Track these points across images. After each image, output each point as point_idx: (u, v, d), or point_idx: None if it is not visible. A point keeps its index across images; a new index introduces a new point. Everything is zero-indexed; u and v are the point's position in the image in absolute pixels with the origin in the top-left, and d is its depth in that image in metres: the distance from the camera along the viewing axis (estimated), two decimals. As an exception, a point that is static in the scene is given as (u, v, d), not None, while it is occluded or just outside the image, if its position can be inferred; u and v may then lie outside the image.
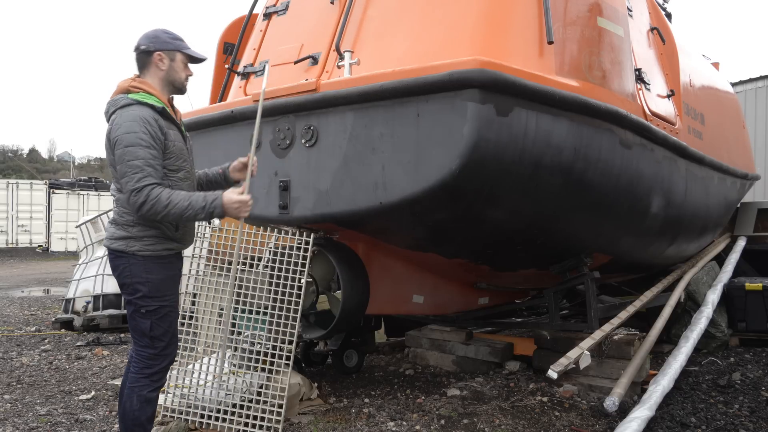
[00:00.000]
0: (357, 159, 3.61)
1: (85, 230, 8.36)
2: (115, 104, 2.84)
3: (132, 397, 2.90)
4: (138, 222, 2.84)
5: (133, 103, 2.81)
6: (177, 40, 2.97)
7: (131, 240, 2.85)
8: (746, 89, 11.39)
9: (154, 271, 2.88)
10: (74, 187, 27.62)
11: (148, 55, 2.91)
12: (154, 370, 2.93)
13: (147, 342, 2.91)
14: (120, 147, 2.74)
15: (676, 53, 5.47)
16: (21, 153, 67.50)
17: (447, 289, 4.84)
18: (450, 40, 3.56)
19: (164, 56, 2.92)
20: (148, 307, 2.87)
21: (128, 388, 2.93)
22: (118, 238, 2.87)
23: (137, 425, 2.91)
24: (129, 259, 2.85)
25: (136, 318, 2.89)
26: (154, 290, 2.87)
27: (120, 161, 2.75)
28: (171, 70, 2.94)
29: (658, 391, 3.84)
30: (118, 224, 2.88)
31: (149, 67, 2.93)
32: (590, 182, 3.98)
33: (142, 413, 2.91)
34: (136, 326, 2.91)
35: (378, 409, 4.13)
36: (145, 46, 2.91)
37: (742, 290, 5.97)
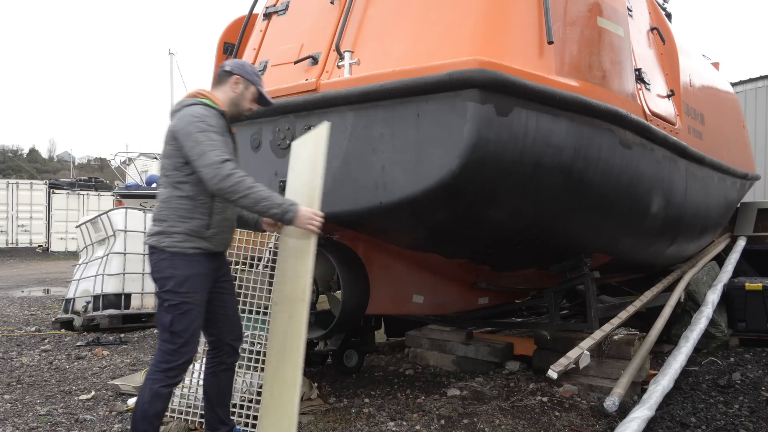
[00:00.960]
0: (357, 159, 3.61)
1: (85, 230, 8.36)
2: (182, 104, 3.06)
3: (145, 389, 2.97)
4: (170, 216, 2.98)
5: (199, 103, 3.03)
6: (257, 77, 3.24)
7: (162, 236, 2.98)
8: (746, 89, 11.39)
9: (180, 266, 2.97)
10: (74, 187, 27.63)
11: (228, 75, 3.17)
12: (171, 366, 2.98)
13: (167, 337, 2.98)
14: (191, 133, 2.90)
15: (676, 53, 5.47)
16: (21, 153, 67.56)
17: (447, 289, 4.84)
18: (450, 40, 3.56)
19: (241, 82, 3.16)
20: (171, 301, 2.96)
21: (144, 380, 3.02)
22: (153, 234, 3.02)
23: (144, 418, 2.95)
24: (159, 254, 2.98)
25: (161, 312, 3.00)
26: (178, 285, 2.96)
27: (195, 144, 2.89)
28: (241, 96, 3.18)
29: (658, 391, 3.84)
30: (156, 220, 3.03)
31: (224, 85, 3.18)
32: (590, 182, 3.98)
33: (151, 407, 2.95)
34: (160, 320, 3.01)
35: (378, 409, 4.13)
36: (230, 68, 3.19)
37: (742, 290, 5.97)
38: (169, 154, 3.00)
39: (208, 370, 3.27)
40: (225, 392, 3.32)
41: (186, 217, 2.97)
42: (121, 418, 4.11)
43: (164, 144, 3.05)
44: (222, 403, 3.31)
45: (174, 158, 2.98)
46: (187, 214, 2.97)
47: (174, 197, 2.98)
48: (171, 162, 2.99)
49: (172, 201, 2.99)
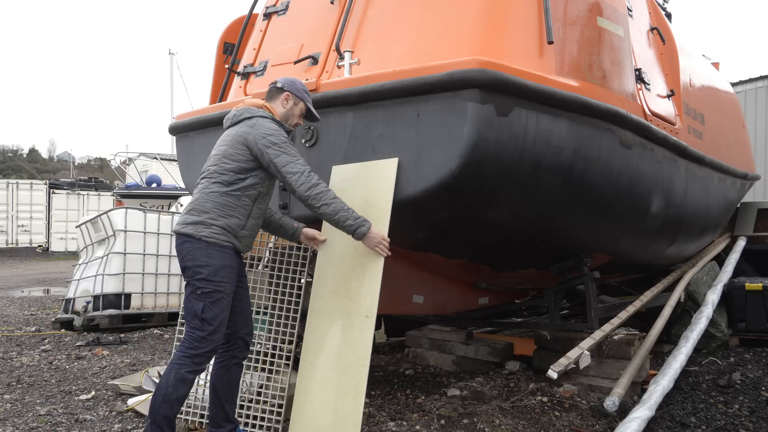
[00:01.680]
0: (357, 159, 3.61)
1: (85, 230, 8.35)
2: (253, 112, 3.24)
3: (170, 373, 3.04)
4: (214, 209, 3.11)
5: (270, 117, 3.26)
6: (306, 93, 3.43)
7: (201, 225, 3.09)
8: (746, 89, 11.39)
9: (215, 257, 3.10)
10: (74, 187, 27.64)
11: (280, 92, 3.37)
12: (198, 353, 3.07)
13: (197, 324, 3.06)
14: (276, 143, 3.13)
15: (676, 53, 5.47)
16: (21, 153, 67.56)
17: (447, 289, 4.84)
18: (450, 40, 3.56)
19: (291, 98, 3.36)
20: (204, 288, 3.06)
21: (169, 364, 3.09)
22: (189, 223, 3.12)
23: (165, 402, 3.01)
24: (194, 243, 3.08)
25: (192, 299, 3.08)
26: (212, 274, 3.07)
27: (281, 152, 3.12)
28: (290, 111, 3.37)
29: (658, 391, 3.84)
30: (194, 210, 3.14)
31: (275, 100, 3.37)
32: (590, 182, 3.98)
33: (175, 391, 3.02)
34: (189, 307, 3.09)
35: (378, 409, 4.13)
36: (282, 84, 3.38)
37: (742, 290, 5.97)
38: (233, 157, 3.15)
39: (219, 363, 3.32)
40: (234, 387, 3.38)
41: (228, 214, 3.12)
42: (121, 418, 4.11)
43: (226, 145, 3.19)
44: (231, 398, 3.36)
45: (237, 162, 3.14)
46: (229, 212, 3.13)
47: (220, 193, 3.13)
48: (232, 165, 3.14)
49: (218, 196, 3.12)
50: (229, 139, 3.21)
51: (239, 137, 3.17)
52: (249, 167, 3.16)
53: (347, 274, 3.43)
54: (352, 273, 3.41)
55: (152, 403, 3.04)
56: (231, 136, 3.21)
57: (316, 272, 3.58)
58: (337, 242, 3.52)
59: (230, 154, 3.16)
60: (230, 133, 3.24)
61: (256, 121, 3.20)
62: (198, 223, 3.10)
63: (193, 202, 3.18)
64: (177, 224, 3.18)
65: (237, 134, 3.19)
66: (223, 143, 3.23)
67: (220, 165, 3.16)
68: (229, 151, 3.17)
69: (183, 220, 3.16)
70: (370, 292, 3.30)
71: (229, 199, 3.13)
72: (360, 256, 3.40)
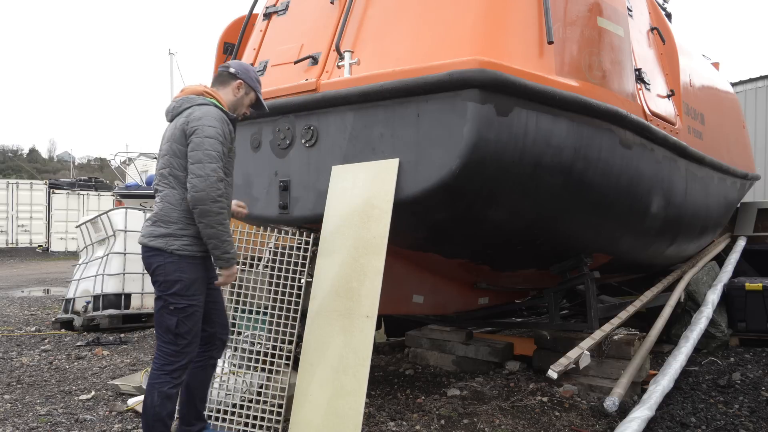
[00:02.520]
0: (357, 159, 3.61)
1: (85, 230, 8.36)
2: (192, 101, 3.05)
3: (153, 393, 2.99)
4: (181, 219, 2.97)
5: (211, 104, 3.04)
6: (258, 83, 3.31)
7: (171, 238, 2.97)
8: (746, 89, 11.39)
9: (188, 270, 3.00)
10: (74, 187, 27.62)
11: (233, 78, 3.21)
12: (175, 367, 3.02)
13: (171, 339, 3.00)
14: (200, 136, 2.91)
15: (676, 53, 5.47)
16: (21, 153, 67.55)
17: (447, 289, 4.84)
18: (450, 40, 3.56)
19: (243, 86, 3.22)
20: (177, 304, 2.98)
21: (149, 384, 3.02)
22: (158, 235, 2.98)
23: (157, 420, 2.99)
24: (165, 257, 2.96)
25: (164, 314, 2.99)
26: (184, 289, 2.99)
27: (197, 147, 2.90)
28: (240, 100, 3.24)
29: (658, 391, 3.84)
30: (161, 222, 2.99)
31: (226, 86, 3.21)
32: (590, 182, 3.98)
33: (162, 409, 2.99)
34: (162, 322, 3.01)
35: (378, 409, 4.13)
36: (235, 70, 3.23)
37: (742, 290, 5.97)
38: (179, 153, 2.97)
39: (196, 364, 3.26)
40: (207, 387, 3.38)
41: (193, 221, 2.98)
42: (121, 418, 4.11)
43: (170, 142, 3.01)
44: (204, 397, 3.36)
45: (182, 159, 2.97)
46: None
47: (183, 198, 2.97)
48: (180, 162, 2.97)
49: (181, 202, 2.98)
50: (170, 135, 3.02)
51: (179, 131, 2.98)
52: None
53: (347, 274, 3.43)
54: (352, 273, 3.41)
55: (145, 425, 3.01)
56: (171, 132, 3.02)
57: (316, 272, 3.58)
58: (337, 242, 3.52)
59: (176, 152, 2.98)
60: (172, 126, 3.04)
61: (194, 111, 2.99)
62: (167, 235, 2.96)
63: (158, 212, 3.02)
64: (143, 236, 3.04)
65: (176, 128, 3.00)
66: (167, 140, 3.04)
67: (170, 166, 3.00)
68: (173, 148, 2.98)
69: (149, 232, 3.01)
70: (371, 292, 3.30)
71: None
72: (360, 257, 3.40)
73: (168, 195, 3.01)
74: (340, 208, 3.58)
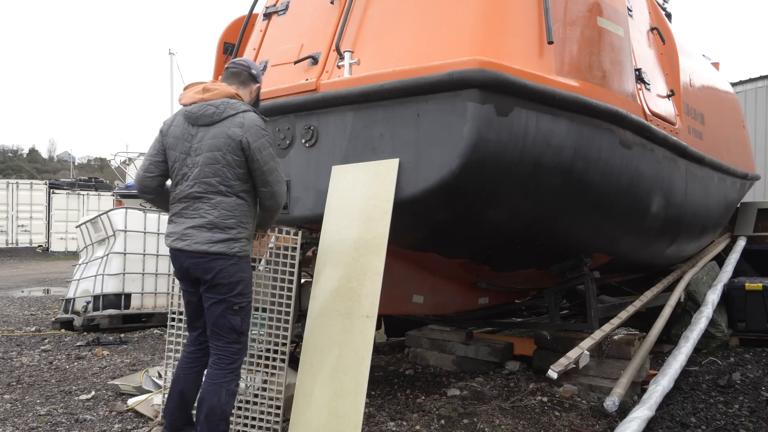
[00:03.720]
0: (357, 159, 3.61)
1: (85, 230, 8.35)
2: (235, 108, 3.06)
3: (220, 392, 3.04)
4: (238, 225, 3.07)
5: (251, 111, 3.12)
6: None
7: (231, 242, 3.05)
8: (746, 89, 11.39)
9: (246, 270, 3.14)
10: (74, 187, 27.63)
11: (253, 80, 3.29)
12: (238, 365, 3.14)
13: (235, 338, 3.10)
14: (266, 149, 3.06)
15: (676, 53, 5.47)
16: (21, 153, 67.56)
17: (447, 289, 4.84)
18: (450, 40, 3.56)
19: (256, 91, 3.33)
20: (240, 303, 3.10)
21: (214, 384, 3.05)
22: (217, 241, 3.04)
23: (223, 419, 3.05)
24: (227, 260, 3.04)
25: (227, 315, 3.07)
26: (246, 288, 3.13)
27: (270, 159, 3.07)
28: (252, 102, 3.32)
29: (658, 391, 3.84)
30: (218, 228, 3.04)
31: (246, 87, 3.26)
32: (590, 182, 3.98)
33: (229, 406, 3.09)
34: (225, 323, 3.08)
35: (378, 409, 4.13)
36: (256, 72, 3.32)
37: (742, 290, 5.97)
38: (233, 164, 3.02)
39: (192, 369, 3.26)
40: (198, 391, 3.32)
41: (248, 224, 3.12)
42: (121, 418, 4.11)
43: (221, 151, 3.00)
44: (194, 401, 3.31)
45: (237, 168, 3.04)
46: (248, 222, 3.12)
47: (239, 205, 3.07)
48: (233, 172, 3.03)
49: (237, 209, 3.07)
50: (221, 144, 3.00)
51: (234, 142, 2.99)
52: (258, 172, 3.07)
53: (347, 274, 3.43)
54: (352, 273, 3.41)
55: (210, 424, 3.00)
56: (220, 141, 3.00)
57: (316, 272, 3.57)
58: (337, 242, 3.51)
59: (230, 162, 3.01)
60: (217, 133, 3.01)
61: (245, 119, 3.02)
62: (228, 240, 3.03)
63: (213, 220, 3.02)
64: (199, 243, 3.02)
65: (228, 138, 2.99)
66: (213, 147, 3.00)
67: (224, 177, 3.02)
68: (228, 159, 3.00)
69: (207, 238, 3.01)
70: (371, 292, 3.30)
71: (246, 210, 3.10)
72: (360, 257, 3.39)
73: (222, 202, 3.04)
74: (340, 208, 3.58)
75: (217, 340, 3.10)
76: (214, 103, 3.05)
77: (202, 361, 3.25)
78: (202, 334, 3.25)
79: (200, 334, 3.26)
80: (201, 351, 3.26)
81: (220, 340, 3.09)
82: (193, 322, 3.29)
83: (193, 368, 3.26)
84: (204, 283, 3.08)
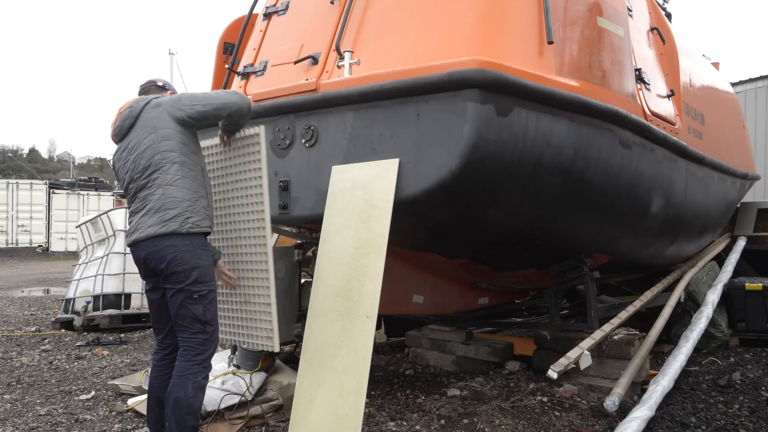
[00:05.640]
0: (357, 159, 3.61)
1: (85, 230, 8.36)
2: (146, 99, 3.18)
3: (186, 384, 2.96)
4: (187, 198, 3.00)
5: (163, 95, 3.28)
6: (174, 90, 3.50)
7: (183, 218, 2.98)
8: (746, 89, 11.40)
9: (203, 257, 3.04)
10: (74, 187, 27.65)
11: (162, 91, 3.39)
12: (206, 356, 3.04)
13: (199, 327, 3.02)
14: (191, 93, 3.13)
15: (676, 53, 5.47)
16: (21, 153, 67.57)
17: (447, 289, 4.84)
18: (450, 40, 3.56)
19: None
20: (200, 291, 3.01)
21: (179, 377, 2.98)
22: (168, 219, 2.97)
23: (190, 413, 2.96)
24: (180, 244, 2.96)
25: (187, 305, 3.00)
26: (203, 275, 3.03)
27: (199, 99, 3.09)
28: None
29: (658, 391, 3.84)
30: (167, 205, 2.98)
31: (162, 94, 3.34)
32: (590, 182, 3.98)
33: (196, 400, 2.99)
34: (186, 314, 3.01)
35: (378, 409, 4.13)
36: (162, 83, 3.43)
37: (742, 290, 5.97)
38: (166, 137, 3.03)
39: (167, 375, 3.15)
40: None
41: (198, 196, 3.06)
42: (121, 418, 4.11)
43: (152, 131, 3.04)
44: None
45: (169, 140, 3.03)
46: (197, 193, 3.07)
47: (182, 176, 3.02)
48: (168, 144, 3.02)
49: (180, 181, 3.01)
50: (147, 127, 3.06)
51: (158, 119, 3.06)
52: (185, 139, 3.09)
53: (347, 274, 3.43)
54: (352, 273, 3.41)
55: (176, 419, 2.93)
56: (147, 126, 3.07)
57: (316, 272, 3.57)
58: (337, 242, 3.51)
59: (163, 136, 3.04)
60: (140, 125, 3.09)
61: (159, 99, 3.16)
62: (178, 216, 2.98)
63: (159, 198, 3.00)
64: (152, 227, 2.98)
65: (149, 120, 3.08)
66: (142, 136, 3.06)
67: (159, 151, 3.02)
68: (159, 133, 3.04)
69: (155, 221, 2.98)
70: (371, 292, 3.30)
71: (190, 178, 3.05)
72: (360, 257, 3.39)
73: (164, 179, 3.00)
74: (340, 208, 3.58)
75: (182, 331, 3.04)
76: (130, 105, 3.18)
77: (173, 365, 3.15)
78: (167, 337, 3.21)
79: (165, 337, 3.22)
80: (169, 356, 3.20)
81: (185, 332, 3.03)
82: (157, 323, 3.24)
83: (166, 374, 3.17)
84: (161, 274, 3.03)
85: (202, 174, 3.16)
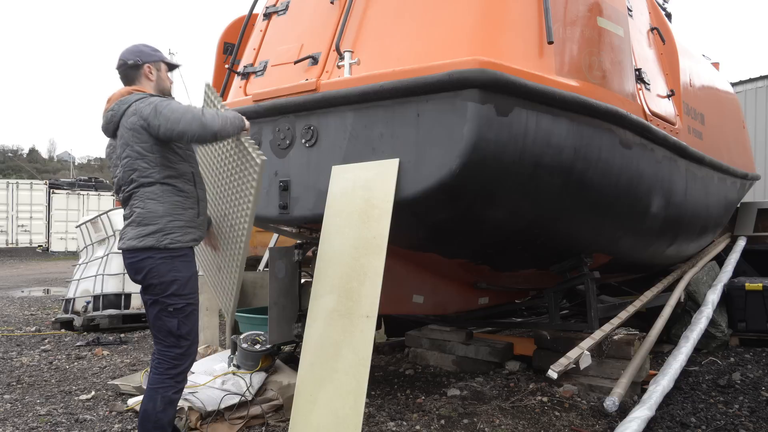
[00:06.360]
0: (357, 159, 3.61)
1: (85, 230, 8.36)
2: (127, 101, 2.96)
3: (155, 398, 2.88)
4: (167, 213, 2.90)
5: (147, 96, 2.97)
6: (158, 52, 3.17)
7: (161, 234, 2.89)
8: (746, 89, 11.39)
9: (181, 269, 2.93)
10: (74, 187, 27.66)
11: (138, 69, 3.09)
12: (179, 371, 2.95)
13: (173, 341, 2.93)
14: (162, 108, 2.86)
15: (676, 53, 5.47)
16: (21, 153, 67.59)
17: (447, 289, 4.84)
18: (450, 40, 3.56)
19: (152, 68, 3.11)
20: (175, 305, 2.91)
21: (150, 389, 2.92)
22: (146, 234, 2.90)
23: (158, 428, 2.89)
24: (156, 257, 2.88)
25: (162, 317, 2.92)
26: (181, 288, 2.93)
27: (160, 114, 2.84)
28: (159, 79, 3.15)
29: (658, 391, 3.84)
30: (147, 220, 2.90)
31: (139, 79, 3.10)
32: (590, 182, 3.98)
33: (165, 415, 2.90)
34: (162, 326, 2.93)
35: (378, 409, 4.13)
36: (133, 60, 3.08)
37: (742, 290, 5.97)
38: (144, 151, 2.91)
39: None
40: None
41: (180, 213, 2.95)
42: (121, 418, 4.11)
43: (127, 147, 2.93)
44: None
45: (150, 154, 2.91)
46: (179, 210, 2.95)
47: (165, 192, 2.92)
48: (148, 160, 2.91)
49: (163, 196, 2.92)
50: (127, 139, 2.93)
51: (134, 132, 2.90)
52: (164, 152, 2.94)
53: (347, 274, 3.43)
54: (352, 273, 3.41)
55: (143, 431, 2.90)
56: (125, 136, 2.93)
57: (316, 272, 3.57)
58: (337, 242, 3.51)
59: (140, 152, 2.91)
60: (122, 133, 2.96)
61: (136, 106, 2.91)
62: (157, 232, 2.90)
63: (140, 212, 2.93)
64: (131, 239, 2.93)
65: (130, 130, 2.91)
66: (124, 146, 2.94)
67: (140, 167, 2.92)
68: (136, 150, 2.91)
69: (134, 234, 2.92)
70: (371, 292, 3.30)
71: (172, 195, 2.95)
72: (360, 257, 3.39)
73: (146, 193, 2.93)
74: (340, 208, 3.58)
75: (157, 343, 2.98)
76: (112, 107, 3.02)
77: None
78: None
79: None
80: None
81: (160, 344, 2.96)
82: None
83: None
84: (139, 284, 2.98)
85: (191, 181, 3.04)
